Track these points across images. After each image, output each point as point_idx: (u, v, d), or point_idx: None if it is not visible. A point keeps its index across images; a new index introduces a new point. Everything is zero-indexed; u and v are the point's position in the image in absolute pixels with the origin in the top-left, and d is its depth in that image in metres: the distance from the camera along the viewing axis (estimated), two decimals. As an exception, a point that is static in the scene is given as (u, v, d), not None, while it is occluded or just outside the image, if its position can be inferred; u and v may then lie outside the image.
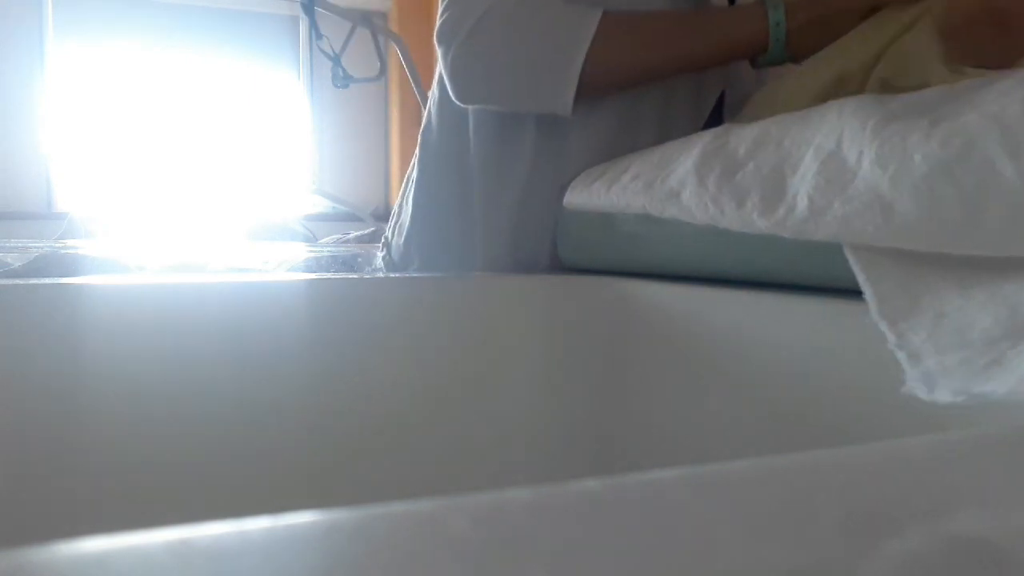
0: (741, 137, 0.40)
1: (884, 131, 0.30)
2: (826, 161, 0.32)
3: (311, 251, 0.84)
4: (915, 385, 0.24)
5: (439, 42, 0.66)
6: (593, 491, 0.11)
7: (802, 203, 0.32)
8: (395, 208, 0.83)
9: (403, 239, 0.80)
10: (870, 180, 0.29)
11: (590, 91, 0.64)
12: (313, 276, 0.49)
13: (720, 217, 0.38)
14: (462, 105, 0.68)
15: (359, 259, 0.90)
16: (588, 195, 0.55)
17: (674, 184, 0.42)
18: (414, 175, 0.79)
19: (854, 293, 0.34)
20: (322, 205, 3.32)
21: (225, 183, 3.52)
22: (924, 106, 0.31)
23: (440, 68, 0.69)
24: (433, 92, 0.77)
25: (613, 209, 0.50)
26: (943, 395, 0.23)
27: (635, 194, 0.46)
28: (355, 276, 0.50)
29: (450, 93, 0.67)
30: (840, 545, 0.09)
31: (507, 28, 0.63)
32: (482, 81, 0.66)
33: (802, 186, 0.33)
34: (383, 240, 0.86)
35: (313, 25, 1.31)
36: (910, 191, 0.27)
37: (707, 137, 0.43)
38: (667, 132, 0.67)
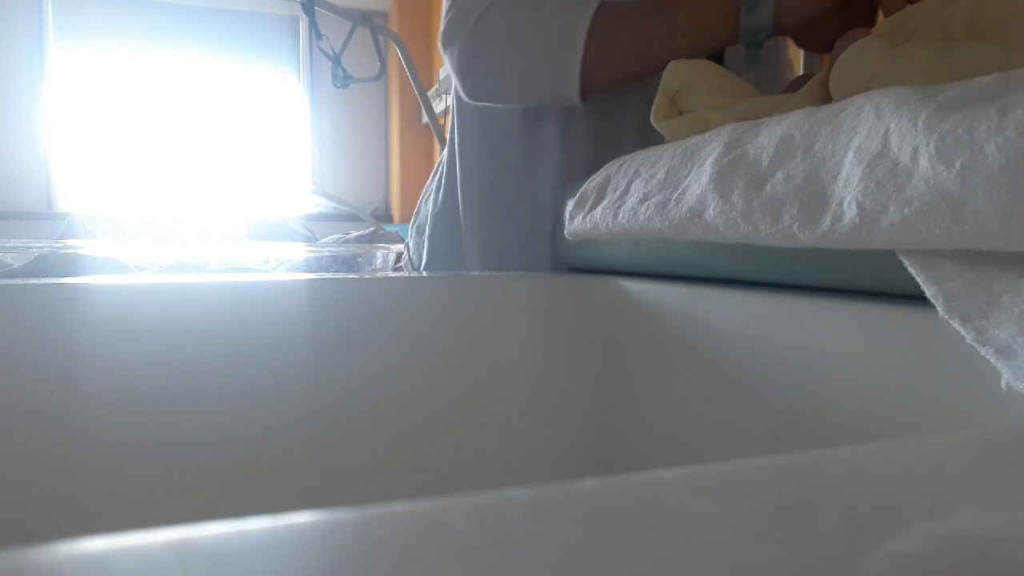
0: (759, 146, 0.37)
1: (942, 124, 0.26)
2: (873, 163, 0.29)
3: (311, 251, 0.84)
4: (1015, 379, 0.22)
5: (445, 45, 0.66)
6: (593, 491, 0.11)
7: (850, 211, 0.29)
8: (416, 208, 0.85)
9: (421, 238, 0.82)
10: (931, 179, 0.26)
11: (596, 82, 0.63)
12: (313, 276, 0.49)
13: (754, 234, 0.34)
14: (472, 102, 0.68)
15: (359, 259, 0.90)
16: (593, 223, 0.51)
17: (693, 203, 0.39)
18: (438, 176, 0.81)
19: (855, 294, 0.34)
20: (322, 205, 3.32)
21: (225, 183, 3.52)
22: (982, 94, 0.27)
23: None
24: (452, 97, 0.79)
25: (627, 236, 0.47)
26: None
27: (649, 218, 0.43)
28: (355, 276, 0.50)
29: (460, 93, 0.67)
30: (840, 545, 0.09)
31: (508, 23, 0.63)
32: (488, 77, 0.65)
33: (847, 192, 0.29)
34: (405, 244, 0.88)
35: (313, 25, 1.31)
36: (984, 187, 0.24)
37: (715, 148, 0.40)
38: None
